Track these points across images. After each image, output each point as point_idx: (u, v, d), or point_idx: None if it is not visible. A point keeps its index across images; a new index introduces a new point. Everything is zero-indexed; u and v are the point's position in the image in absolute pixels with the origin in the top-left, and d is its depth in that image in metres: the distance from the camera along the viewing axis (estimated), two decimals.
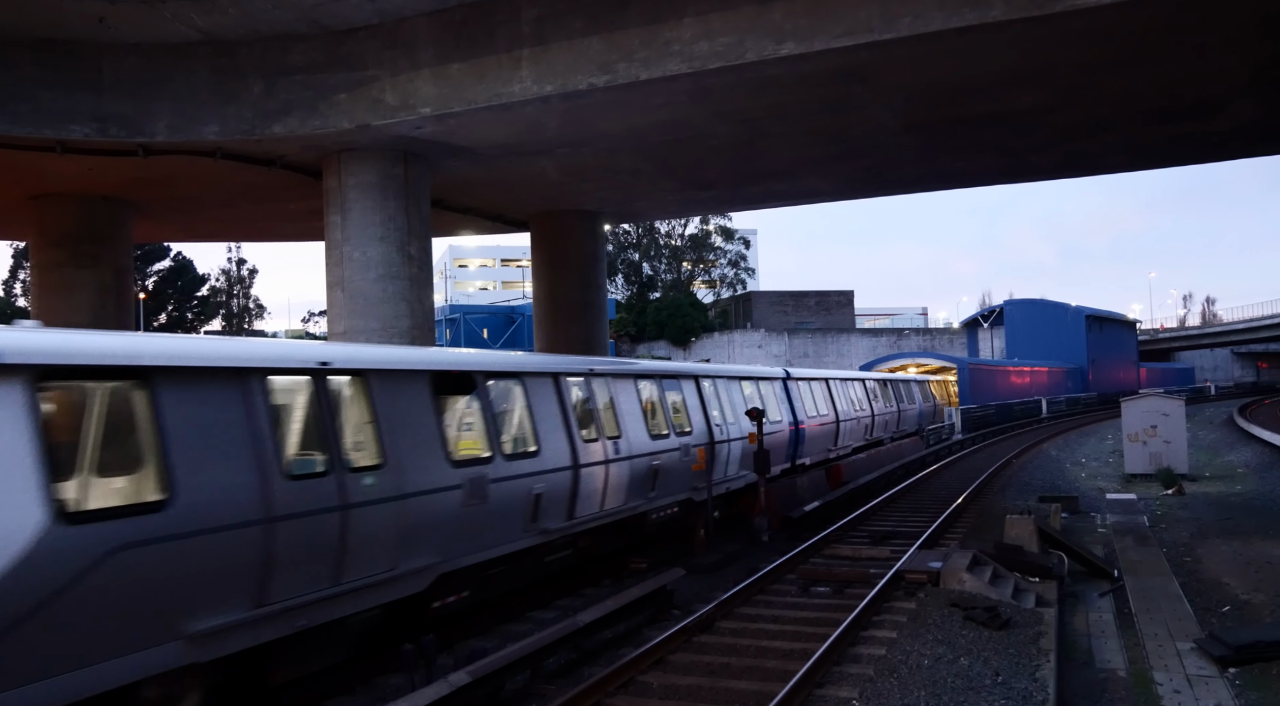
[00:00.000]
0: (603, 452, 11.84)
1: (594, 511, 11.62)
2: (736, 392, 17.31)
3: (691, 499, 14.51)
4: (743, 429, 16.55)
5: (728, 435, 16.07)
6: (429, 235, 19.10)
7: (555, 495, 10.70)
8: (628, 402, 12.96)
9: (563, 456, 10.97)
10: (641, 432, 13.03)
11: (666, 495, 13.79)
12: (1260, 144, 22.12)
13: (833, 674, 8.19)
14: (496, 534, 9.75)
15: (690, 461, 14.39)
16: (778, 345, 68.39)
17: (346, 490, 7.73)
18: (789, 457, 19.34)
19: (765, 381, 19.26)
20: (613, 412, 12.53)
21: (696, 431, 14.85)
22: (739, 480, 16.60)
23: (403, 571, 8.33)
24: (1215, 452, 30.86)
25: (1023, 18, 12.85)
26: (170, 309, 60.11)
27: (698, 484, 14.67)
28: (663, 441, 13.60)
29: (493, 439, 9.87)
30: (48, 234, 21.49)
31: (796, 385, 20.95)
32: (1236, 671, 8.53)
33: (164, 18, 15.53)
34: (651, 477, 13.13)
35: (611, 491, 12.02)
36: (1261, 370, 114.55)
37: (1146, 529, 15.87)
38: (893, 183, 25.25)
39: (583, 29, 15.15)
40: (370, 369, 8.54)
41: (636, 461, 12.64)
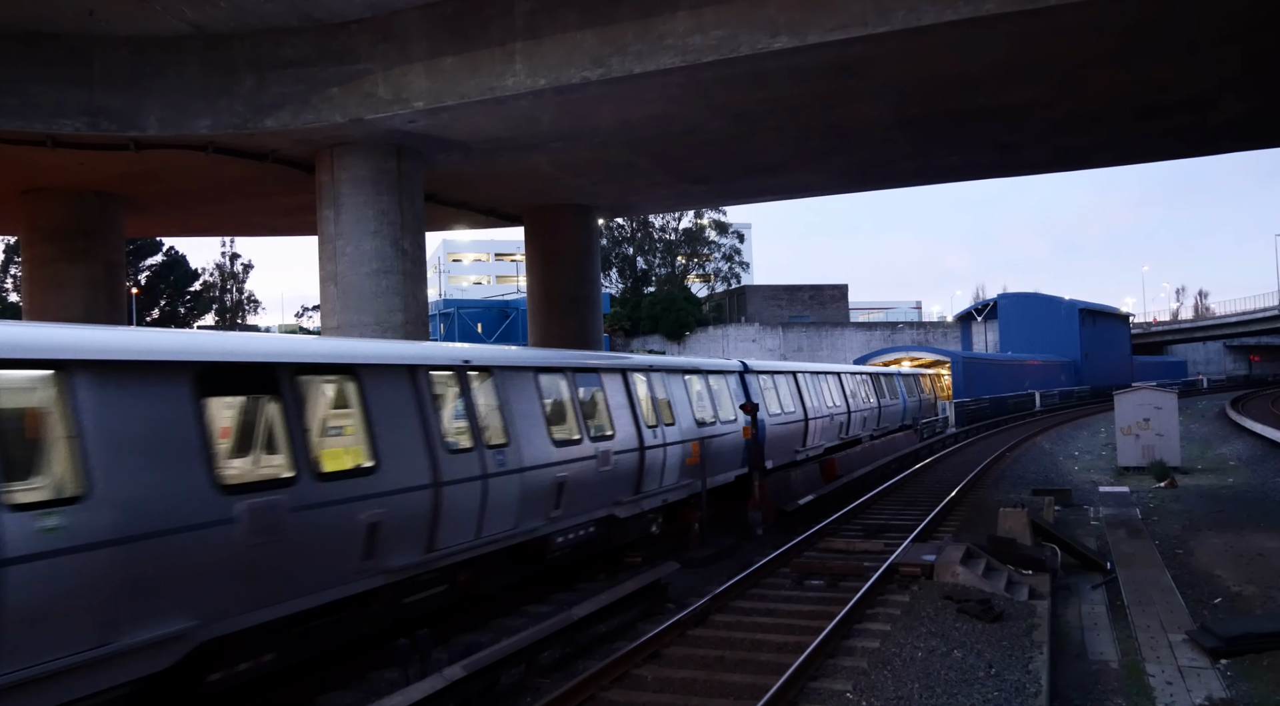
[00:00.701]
0: (480, 466, 9.54)
1: (468, 539, 9.35)
2: (678, 388, 15.06)
3: (614, 514, 12.35)
4: (684, 431, 14.52)
5: (663, 439, 13.80)
6: (422, 229, 19.06)
7: (404, 522, 8.41)
8: (523, 403, 10.69)
9: (417, 472, 8.66)
10: (540, 439, 10.75)
11: (577, 513, 11.42)
12: (1252, 138, 22.18)
13: (827, 666, 8.21)
14: (305, 579, 7.31)
15: (612, 472, 12.15)
16: (772, 339, 68.44)
17: None
18: (743, 461, 17.02)
19: (716, 375, 17.07)
20: (500, 415, 10.23)
21: (622, 436, 12.61)
22: (679, 490, 14.41)
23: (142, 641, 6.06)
24: (1207, 445, 30.99)
25: (1015, 11, 12.86)
26: (163, 304, 59.94)
27: (621, 498, 12.54)
28: (572, 449, 11.30)
29: (299, 455, 7.43)
30: (39, 229, 21.40)
31: (756, 379, 18.87)
32: (1228, 662, 8.57)
33: (155, 11, 15.45)
34: (555, 493, 10.84)
35: (494, 513, 9.71)
36: (1254, 363, 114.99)
37: (1139, 521, 15.93)
38: (887, 177, 25.28)
39: (576, 22, 15.12)
40: None
41: (533, 475, 10.38)
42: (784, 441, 19.69)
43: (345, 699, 8.04)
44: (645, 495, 13.26)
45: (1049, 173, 26.35)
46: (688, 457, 14.91)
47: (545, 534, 10.79)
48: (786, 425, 19.79)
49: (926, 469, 24.74)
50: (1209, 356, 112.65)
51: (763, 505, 16.00)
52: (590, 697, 7.55)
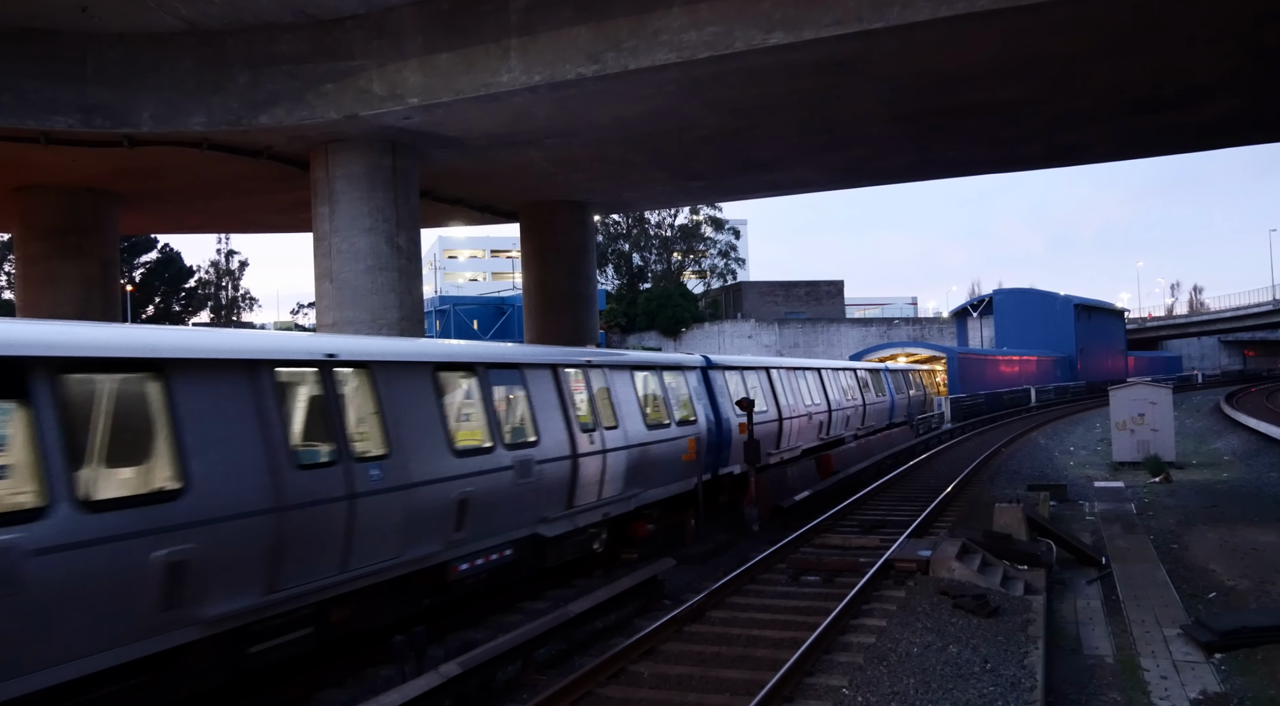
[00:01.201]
0: (346, 483, 7.80)
1: (331, 573, 7.64)
2: (625, 387, 13.30)
3: (540, 534, 10.71)
4: (629, 435, 12.78)
5: (603, 444, 12.07)
6: (418, 226, 19.04)
7: (228, 558, 6.75)
8: (414, 406, 8.98)
9: (249, 494, 6.94)
10: (436, 449, 9.06)
11: (489, 534, 9.77)
12: (1246, 133, 22.22)
13: (823, 662, 8.23)
14: (65, 642, 5.76)
15: (535, 485, 10.49)
16: (768, 335, 68.47)
17: None
18: (709, 467, 15.60)
19: (673, 371, 15.37)
20: (380, 421, 8.47)
21: (550, 442, 10.93)
22: (624, 501, 12.67)
23: None
24: (1202, 440, 31.07)
25: (1010, 7, 12.86)
26: (157, 301, 59.79)
27: (549, 513, 10.86)
28: (480, 459, 9.64)
29: (54, 479, 5.72)
30: (32, 226, 21.34)
31: (721, 375, 17.15)
32: (1222, 657, 8.60)
33: (148, 7, 15.40)
34: (456, 512, 9.18)
35: (367, 539, 8.00)
36: (1248, 358, 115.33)
37: (1134, 516, 15.97)
38: (882, 172, 25.29)
39: (571, 18, 15.09)
40: None
41: (423, 491, 8.72)
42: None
43: (341, 696, 8.03)
44: (580, 509, 11.51)
45: (1044, 168, 26.38)
46: (684, 454, 14.21)
47: (444, 560, 9.10)
48: (757, 426, 17.61)
49: (922, 464, 24.77)
50: (1204, 351, 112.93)
51: (759, 501, 16.01)
52: (586, 694, 7.55)
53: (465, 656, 7.53)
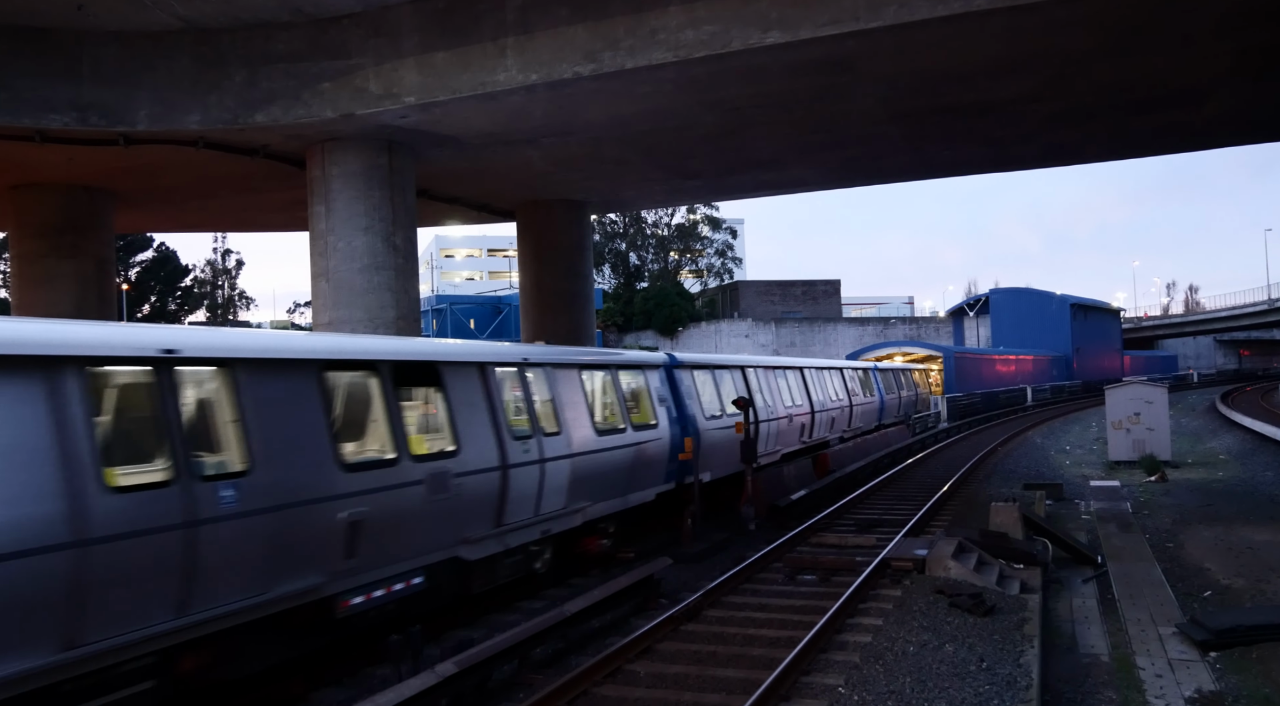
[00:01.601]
0: (184, 508, 6.49)
1: (166, 617, 6.39)
2: (571, 388, 12.04)
3: (461, 557, 9.50)
4: (574, 442, 11.57)
5: (540, 452, 10.78)
6: (414, 225, 19.02)
7: (27, 597, 5.55)
8: (286, 413, 7.58)
9: (32, 525, 5.59)
10: (316, 462, 7.69)
11: (391, 561, 8.47)
12: (1243, 133, 22.26)
13: (819, 661, 8.23)
14: None
15: (453, 501, 9.23)
16: (765, 334, 68.52)
17: None
18: (670, 475, 14.45)
19: (631, 370, 14.15)
20: (241, 431, 7.10)
21: (473, 451, 9.65)
22: (569, 516, 11.37)
23: None
24: (1198, 439, 31.14)
25: (1007, 6, 12.88)
26: (153, 300, 59.66)
27: (472, 533, 9.60)
28: (379, 473, 8.29)
29: None
30: (28, 225, 21.30)
31: (689, 375, 15.91)
32: (1217, 655, 8.62)
33: (144, 5, 15.38)
34: (345, 537, 7.81)
35: (217, 572, 6.75)
36: (1244, 357, 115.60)
37: (1130, 515, 16.00)
38: (879, 172, 25.31)
39: (568, 17, 15.08)
40: None
41: (296, 513, 7.36)
42: (724, 449, 16.27)
43: (337, 695, 8.02)
44: (513, 527, 10.26)
45: (1041, 167, 26.41)
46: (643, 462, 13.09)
47: (330, 594, 7.77)
48: (729, 429, 16.52)
49: (919, 464, 24.80)
50: (1199, 351, 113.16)
51: (755, 500, 16.02)
52: (583, 693, 7.56)
53: (461, 655, 7.53)
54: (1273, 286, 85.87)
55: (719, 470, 16.29)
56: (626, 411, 13.36)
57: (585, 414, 12.13)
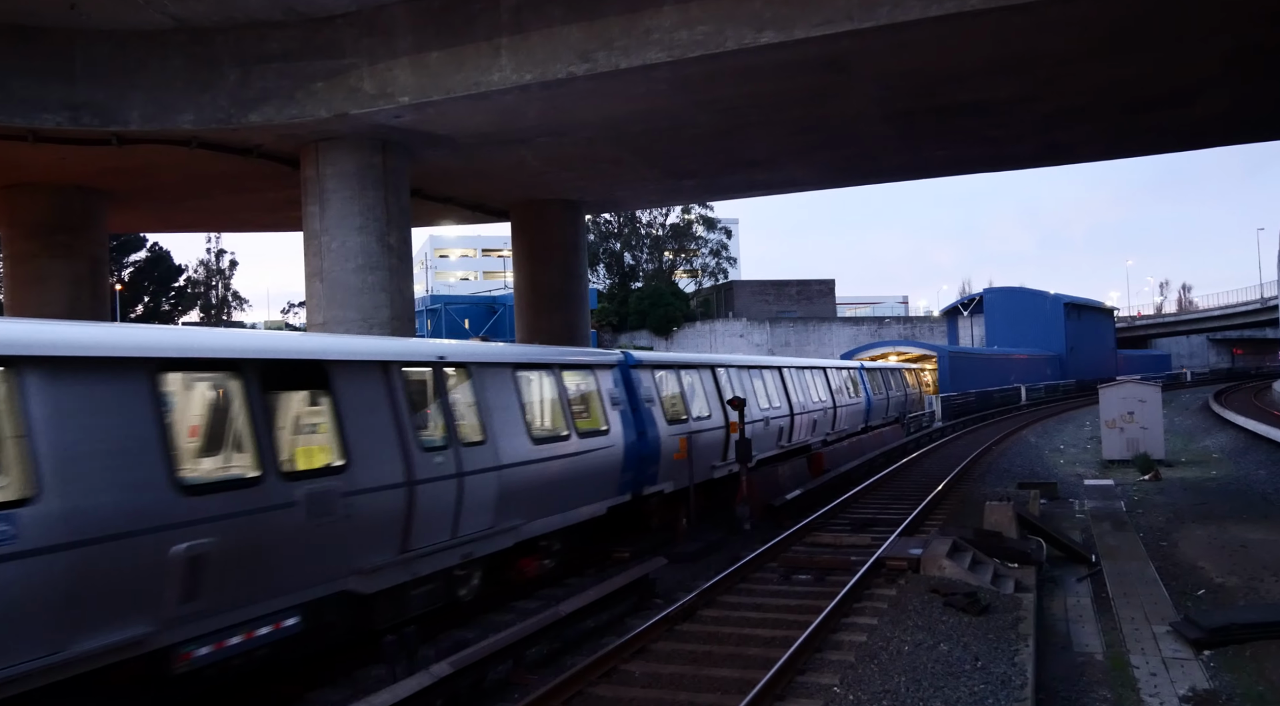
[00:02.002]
0: None
1: None
2: (504, 392, 10.67)
3: (354, 590, 8.10)
4: (503, 453, 10.25)
5: (458, 466, 9.46)
6: (409, 225, 18.99)
7: None
8: (101, 427, 6.23)
9: None
10: (146, 486, 6.38)
11: (251, 600, 7.08)
12: (1235, 132, 22.32)
13: (814, 660, 8.24)
14: None
15: (341, 525, 7.88)
16: (759, 334, 68.58)
17: None
18: (625, 486, 13.23)
19: (579, 371, 12.91)
20: (25, 451, 5.79)
21: (370, 466, 8.29)
22: (498, 537, 10.14)
23: None
24: (1191, 438, 31.22)
25: (1000, 6, 12.90)
26: (147, 300, 59.49)
27: (367, 561, 8.21)
28: (232, 497, 6.94)
29: None
30: (20, 225, 21.22)
31: (649, 375, 14.59)
32: (1211, 653, 8.64)
33: (137, 5, 15.33)
34: (182, 576, 6.44)
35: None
36: (1237, 356, 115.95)
37: (1124, 514, 16.03)
38: (873, 171, 25.33)
39: (562, 17, 15.07)
40: None
41: (100, 551, 6.01)
42: (699, 455, 15.36)
43: (333, 696, 8.01)
44: (423, 552, 8.94)
45: (1035, 167, 26.45)
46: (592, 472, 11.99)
47: (164, 646, 6.43)
48: (697, 435, 15.46)
49: (913, 463, 24.83)
50: (1192, 349, 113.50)
51: (750, 500, 16.02)
52: (578, 693, 7.55)
53: (456, 656, 7.51)
54: (1265, 285, 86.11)
55: (683, 480, 15.09)
56: (571, 416, 12.05)
57: (519, 420, 10.83)
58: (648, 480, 13.89)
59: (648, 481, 13.90)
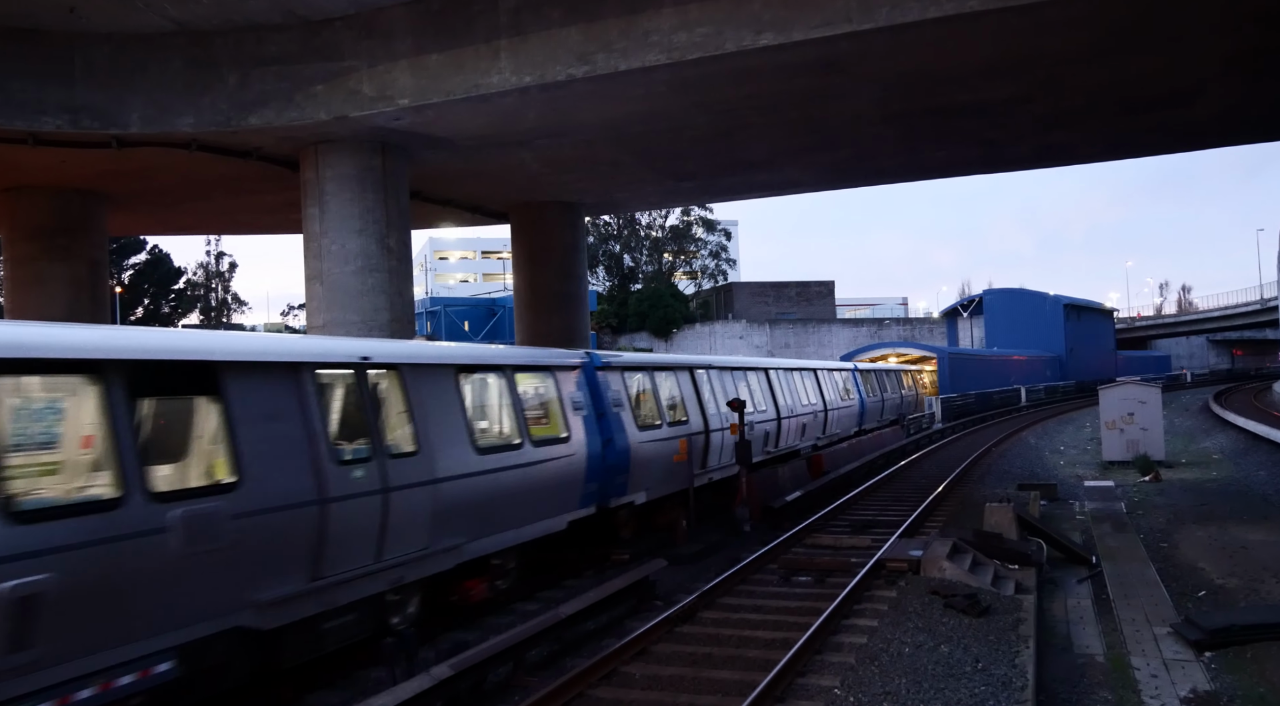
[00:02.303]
0: None
1: None
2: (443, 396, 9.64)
3: (249, 626, 7.10)
4: (439, 464, 9.14)
5: (384, 480, 8.36)
6: (408, 227, 18.99)
7: None
8: None
9: None
10: None
11: (105, 645, 6.01)
12: (1234, 133, 22.33)
13: (815, 662, 8.23)
14: None
15: (230, 551, 6.85)
16: (759, 336, 68.59)
17: None
18: (589, 498, 12.31)
19: (534, 373, 11.86)
20: None
21: (270, 482, 7.33)
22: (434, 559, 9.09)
23: None
24: (1191, 439, 31.21)
25: (999, 8, 12.91)
26: (146, 303, 59.51)
27: (267, 592, 7.17)
28: (78, 525, 5.87)
29: None
30: (20, 227, 21.22)
31: (618, 377, 13.58)
32: (1212, 655, 8.63)
33: (136, 7, 15.33)
34: (7, 622, 5.42)
35: None
36: (1236, 357, 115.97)
37: (1124, 515, 16.03)
38: (872, 173, 25.34)
39: (561, 19, 15.07)
40: None
41: None
42: (661, 465, 14.18)
43: (332, 698, 8.00)
44: (340, 578, 7.89)
45: (1033, 168, 26.46)
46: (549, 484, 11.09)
47: None
48: (670, 442, 14.36)
49: (913, 464, 24.83)
50: (1192, 350, 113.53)
51: (750, 501, 16.02)
52: (578, 695, 7.54)
53: (456, 658, 7.51)
54: (1265, 286, 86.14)
55: (656, 490, 14.05)
56: (525, 423, 10.97)
57: (460, 428, 9.69)
58: (615, 491, 12.84)
59: (615, 492, 12.84)
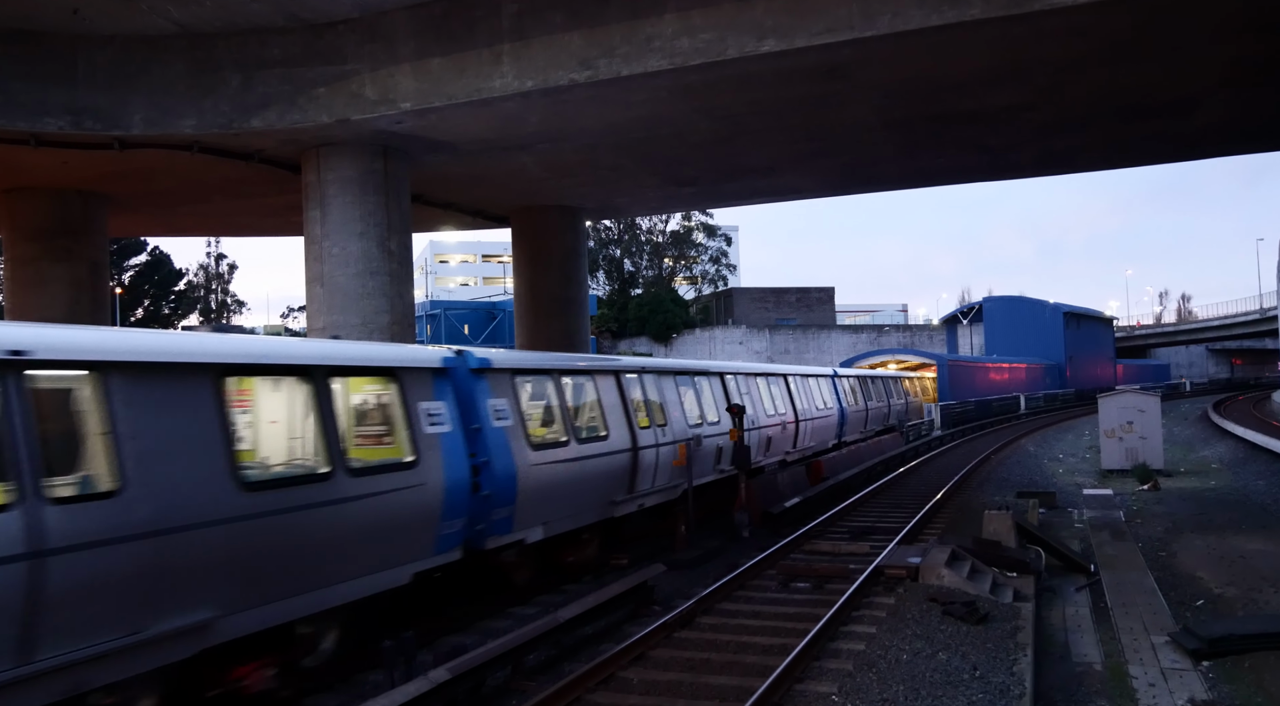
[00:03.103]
0: None
1: None
2: (185, 413, 6.88)
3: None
4: (199, 505, 6.67)
5: (36, 538, 5.58)
6: (409, 230, 19.01)
7: None
8: None
9: None
10: None
11: None
12: (1234, 142, 22.38)
13: (812, 668, 8.23)
14: None
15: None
16: (759, 342, 68.60)
17: None
18: (448, 540, 9.53)
19: (370, 376, 9.35)
20: None
21: None
22: (146, 650, 6.27)
23: None
24: (1190, 448, 31.21)
25: (1000, 16, 12.94)
26: (146, 304, 59.54)
27: None
28: None
29: None
30: (21, 228, 21.24)
31: (508, 383, 10.92)
32: (1210, 664, 8.63)
33: (139, 10, 15.36)
34: None
35: None
36: (1236, 367, 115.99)
37: (1122, 524, 16.03)
38: (873, 179, 25.37)
39: (563, 24, 15.11)
40: None
41: None
42: (563, 491, 11.54)
43: (330, 701, 8.00)
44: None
45: (1034, 176, 26.50)
46: (382, 524, 8.38)
47: None
48: (582, 463, 11.89)
49: (912, 471, 24.82)
50: (1192, 359, 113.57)
51: (749, 507, 16.02)
52: (576, 700, 7.54)
53: (455, 662, 7.51)
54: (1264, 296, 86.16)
55: (561, 521, 11.55)
56: (337, 445, 8.09)
57: (213, 455, 6.89)
58: (496, 528, 10.12)
59: (496, 529, 10.13)
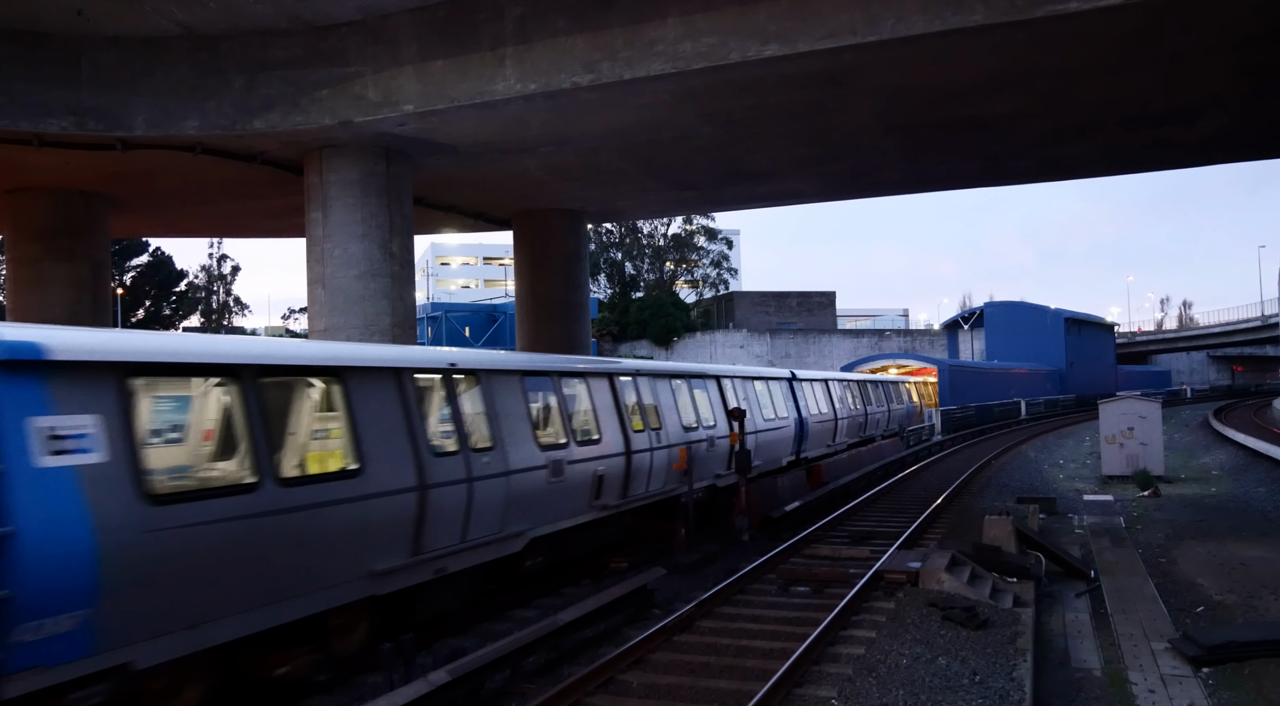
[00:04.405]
0: None
1: None
2: None
3: None
4: None
5: None
6: (411, 233, 19.03)
7: None
8: None
9: None
10: None
11: None
12: (1236, 150, 22.38)
13: (812, 673, 8.22)
14: None
15: None
16: (760, 346, 68.60)
17: None
18: None
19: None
20: None
21: None
22: None
23: None
24: (1191, 455, 31.19)
25: (1003, 22, 12.95)
26: (148, 305, 59.58)
27: None
28: None
29: None
30: (23, 228, 21.26)
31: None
32: (1210, 671, 8.62)
33: (143, 11, 15.39)
34: None
35: None
36: (1237, 373, 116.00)
37: (1123, 530, 16.02)
38: (874, 184, 25.38)
39: (566, 28, 15.13)
40: None
41: None
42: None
43: (330, 703, 7.99)
44: None
45: (1035, 182, 26.52)
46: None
47: None
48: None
49: (912, 476, 24.81)
50: (1193, 366, 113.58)
51: (749, 511, 16.00)
52: (575, 703, 7.54)
53: (454, 664, 7.51)
54: (1266, 303, 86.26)
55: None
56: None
57: None
58: (43, 648, 5.70)
59: (44, 652, 5.77)
